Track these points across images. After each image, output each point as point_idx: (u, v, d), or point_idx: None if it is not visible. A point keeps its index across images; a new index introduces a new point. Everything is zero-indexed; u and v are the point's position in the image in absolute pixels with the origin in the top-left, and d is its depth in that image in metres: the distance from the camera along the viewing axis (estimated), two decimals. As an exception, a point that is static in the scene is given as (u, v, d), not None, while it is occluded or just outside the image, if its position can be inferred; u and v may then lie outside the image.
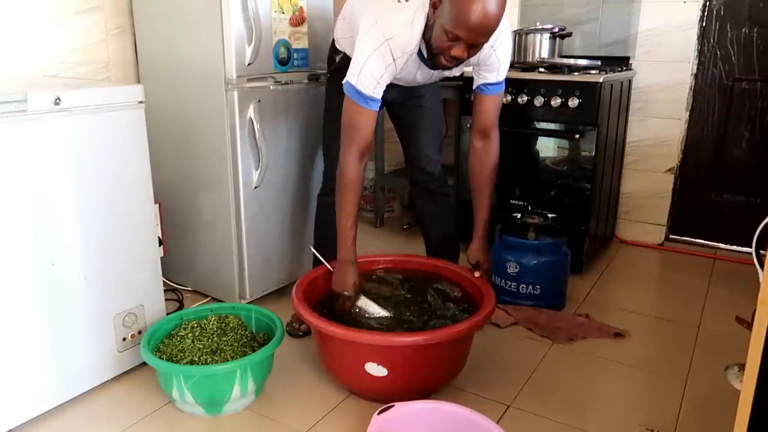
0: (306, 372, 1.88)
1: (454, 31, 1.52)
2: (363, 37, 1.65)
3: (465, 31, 1.50)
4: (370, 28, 1.65)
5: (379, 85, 1.67)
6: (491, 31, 1.54)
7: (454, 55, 1.56)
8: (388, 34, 1.62)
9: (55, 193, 1.58)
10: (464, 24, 1.49)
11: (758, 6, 2.68)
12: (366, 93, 1.66)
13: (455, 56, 1.57)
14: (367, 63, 1.63)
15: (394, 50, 1.63)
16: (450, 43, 1.55)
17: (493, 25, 1.52)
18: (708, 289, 2.54)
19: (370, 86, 1.66)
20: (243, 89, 2.05)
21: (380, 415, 1.44)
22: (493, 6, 1.47)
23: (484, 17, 1.47)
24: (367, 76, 1.64)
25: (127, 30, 2.34)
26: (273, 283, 2.36)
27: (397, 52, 1.64)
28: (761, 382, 0.85)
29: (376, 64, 1.63)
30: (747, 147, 2.82)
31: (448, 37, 1.54)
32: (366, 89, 1.66)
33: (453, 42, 1.54)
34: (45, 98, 1.52)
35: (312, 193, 2.36)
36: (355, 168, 1.74)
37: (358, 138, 1.72)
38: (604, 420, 1.67)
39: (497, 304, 1.89)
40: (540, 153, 2.66)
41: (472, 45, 1.55)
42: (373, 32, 1.63)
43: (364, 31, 1.66)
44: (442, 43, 1.57)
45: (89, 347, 1.72)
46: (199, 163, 2.20)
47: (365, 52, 1.64)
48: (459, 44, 1.54)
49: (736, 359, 1.89)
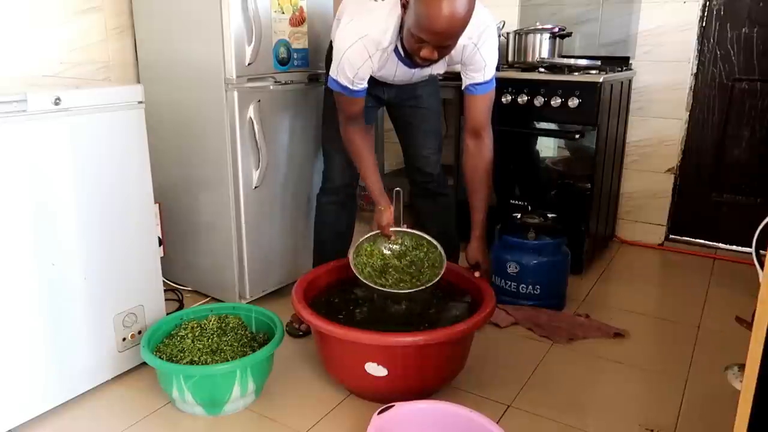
0: (306, 372, 1.88)
1: (419, 35, 1.54)
2: (339, 34, 1.73)
3: (429, 34, 1.53)
4: (345, 26, 1.73)
5: (357, 78, 1.74)
6: (455, 34, 1.55)
7: (424, 56, 1.60)
8: (361, 32, 1.67)
9: (55, 194, 1.58)
10: (427, 28, 1.51)
11: (758, 6, 2.68)
12: (347, 86, 1.75)
13: (425, 57, 1.60)
14: (343, 58, 1.71)
15: (369, 47, 1.69)
16: (419, 44, 1.58)
17: (457, 29, 1.54)
18: (708, 289, 2.54)
19: (348, 80, 1.73)
20: (243, 89, 2.05)
21: (380, 415, 1.44)
22: (456, 10, 1.48)
23: (447, 22, 1.49)
24: (344, 70, 1.72)
25: (127, 30, 2.34)
26: (273, 283, 2.36)
27: (372, 49, 1.69)
28: (761, 382, 0.85)
29: (352, 59, 1.70)
30: (747, 147, 2.82)
31: (414, 39, 1.57)
32: (346, 82, 1.74)
33: (420, 44, 1.57)
34: (45, 98, 1.52)
35: (312, 192, 2.36)
36: (354, 133, 1.87)
37: (347, 114, 1.84)
38: (604, 420, 1.67)
39: (497, 304, 1.89)
40: (540, 153, 2.66)
41: (439, 47, 1.57)
42: (348, 29, 1.71)
43: (341, 29, 1.74)
44: (411, 45, 1.61)
45: (89, 347, 1.72)
46: (199, 163, 2.20)
47: (341, 48, 1.71)
48: (426, 46, 1.57)
49: (736, 359, 1.87)
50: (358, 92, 1.78)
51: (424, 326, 1.72)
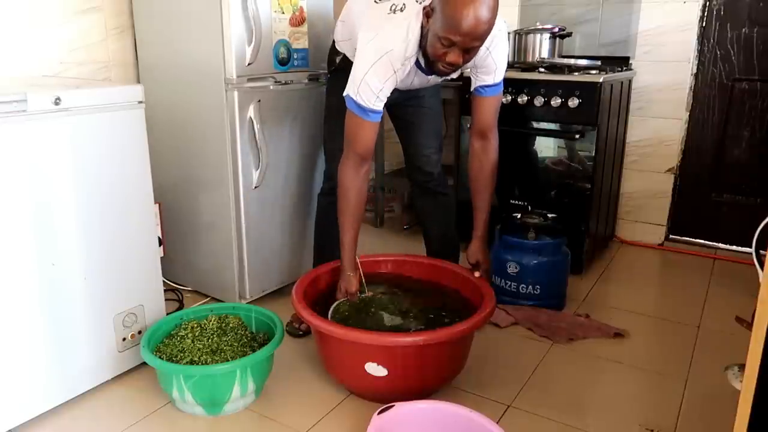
0: (306, 372, 1.88)
1: (448, 37, 1.53)
2: (362, 50, 1.67)
3: (459, 36, 1.51)
4: (368, 42, 1.66)
5: (379, 98, 1.68)
6: (485, 34, 1.54)
7: (450, 61, 1.58)
8: (387, 47, 1.63)
9: (55, 194, 1.58)
10: (457, 29, 1.50)
11: (758, 6, 2.68)
12: (366, 106, 1.68)
13: (451, 62, 1.58)
14: (366, 76, 1.65)
15: (394, 62, 1.65)
16: (445, 49, 1.56)
17: (487, 28, 1.53)
18: (708, 289, 2.54)
19: (370, 100, 1.67)
20: (243, 89, 2.05)
21: (380, 415, 1.44)
22: (485, 10, 1.48)
23: (477, 21, 1.48)
24: (366, 89, 1.66)
25: (127, 30, 2.34)
26: (273, 283, 2.36)
27: (397, 64, 1.65)
28: (761, 382, 0.85)
29: (375, 77, 1.65)
30: (747, 147, 2.82)
31: (442, 43, 1.55)
32: (366, 102, 1.67)
33: (448, 48, 1.56)
34: (45, 98, 1.52)
35: (312, 192, 2.37)
36: (353, 176, 1.77)
37: (358, 147, 1.75)
38: (604, 420, 1.67)
39: (497, 304, 1.89)
40: (540, 153, 2.66)
41: (466, 50, 1.56)
42: (372, 46, 1.65)
43: (362, 45, 1.67)
44: (437, 50, 1.58)
45: (89, 347, 1.72)
46: (199, 163, 2.20)
47: (364, 66, 1.65)
48: (454, 50, 1.55)
49: (736, 359, 1.87)
50: (375, 114, 1.70)
51: (424, 326, 1.72)
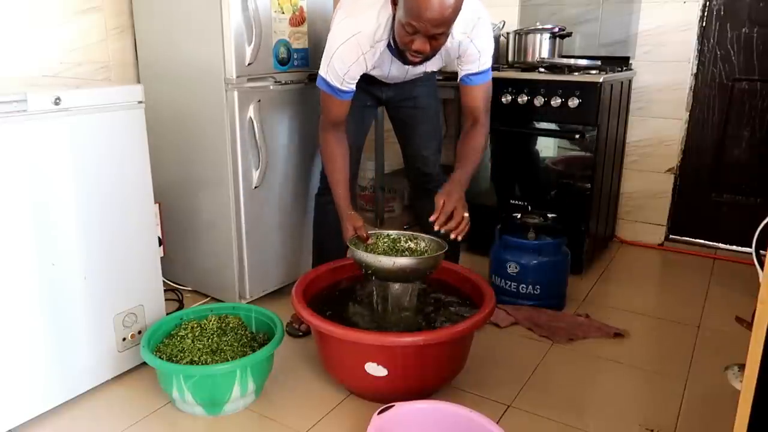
0: (306, 372, 1.88)
1: (411, 23, 1.54)
2: (333, 30, 1.72)
3: (420, 22, 1.52)
4: (339, 22, 1.71)
5: (347, 77, 1.72)
6: (448, 20, 1.54)
7: (416, 48, 1.59)
8: (355, 28, 1.67)
9: (55, 193, 1.58)
10: (419, 16, 1.51)
11: (758, 6, 2.68)
12: (334, 85, 1.73)
13: (417, 50, 1.59)
14: (334, 56, 1.70)
15: (362, 44, 1.68)
16: (410, 36, 1.57)
17: (449, 14, 1.52)
18: (708, 289, 2.54)
19: (338, 80, 1.72)
20: (243, 89, 2.05)
21: (380, 415, 1.44)
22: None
23: (438, 7, 1.49)
24: (335, 68, 1.71)
25: (127, 30, 2.34)
26: (273, 283, 2.36)
27: (366, 46, 1.68)
28: (761, 382, 0.85)
29: (342, 57, 1.69)
30: (747, 147, 2.82)
31: (406, 30, 1.57)
32: (334, 81, 1.73)
33: (413, 35, 1.57)
34: (45, 98, 1.52)
35: (312, 192, 2.36)
36: (331, 138, 1.86)
37: (331, 117, 1.83)
38: (604, 420, 1.67)
39: (497, 304, 1.89)
40: (540, 153, 2.66)
41: (431, 36, 1.56)
42: (342, 26, 1.70)
43: (334, 25, 1.73)
44: (403, 37, 1.60)
45: (89, 347, 1.72)
46: (199, 163, 2.20)
47: (333, 46, 1.70)
48: (419, 37, 1.56)
49: (736, 359, 1.88)
50: (345, 93, 1.76)
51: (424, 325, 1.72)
